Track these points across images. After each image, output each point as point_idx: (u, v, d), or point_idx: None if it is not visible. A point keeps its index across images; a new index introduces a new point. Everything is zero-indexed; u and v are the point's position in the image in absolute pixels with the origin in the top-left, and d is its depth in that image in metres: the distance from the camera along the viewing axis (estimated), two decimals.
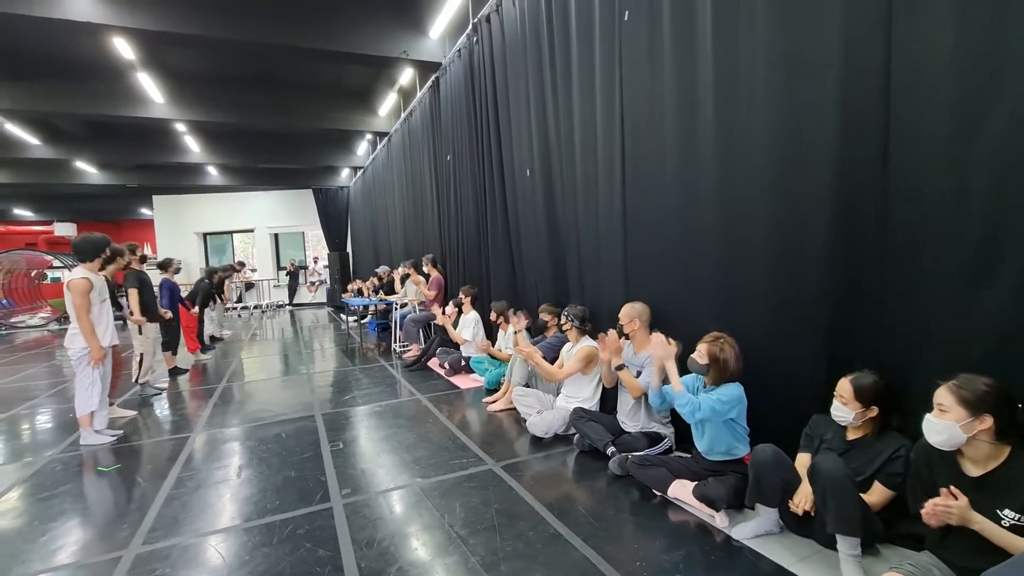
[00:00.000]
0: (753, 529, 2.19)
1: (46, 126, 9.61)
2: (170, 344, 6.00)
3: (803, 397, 2.39)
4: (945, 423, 1.60)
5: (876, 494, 1.98)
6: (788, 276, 2.43)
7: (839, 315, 2.26)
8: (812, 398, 2.32)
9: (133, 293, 4.96)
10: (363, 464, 3.22)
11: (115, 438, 3.86)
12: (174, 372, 6.06)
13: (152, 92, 7.65)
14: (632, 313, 3.16)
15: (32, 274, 14.54)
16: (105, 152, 10.69)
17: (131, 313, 4.97)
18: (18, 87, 7.35)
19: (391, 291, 8.64)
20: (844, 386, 2.05)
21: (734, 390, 2.44)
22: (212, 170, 13.06)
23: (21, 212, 17.04)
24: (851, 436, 2.12)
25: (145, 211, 17.48)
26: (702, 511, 2.40)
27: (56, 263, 14.68)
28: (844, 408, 2.04)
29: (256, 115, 8.81)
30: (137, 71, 7.06)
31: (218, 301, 8.81)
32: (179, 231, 15.48)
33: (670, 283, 3.15)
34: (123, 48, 6.06)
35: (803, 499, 2.04)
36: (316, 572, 2.09)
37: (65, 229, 16.83)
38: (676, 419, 2.93)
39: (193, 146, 10.74)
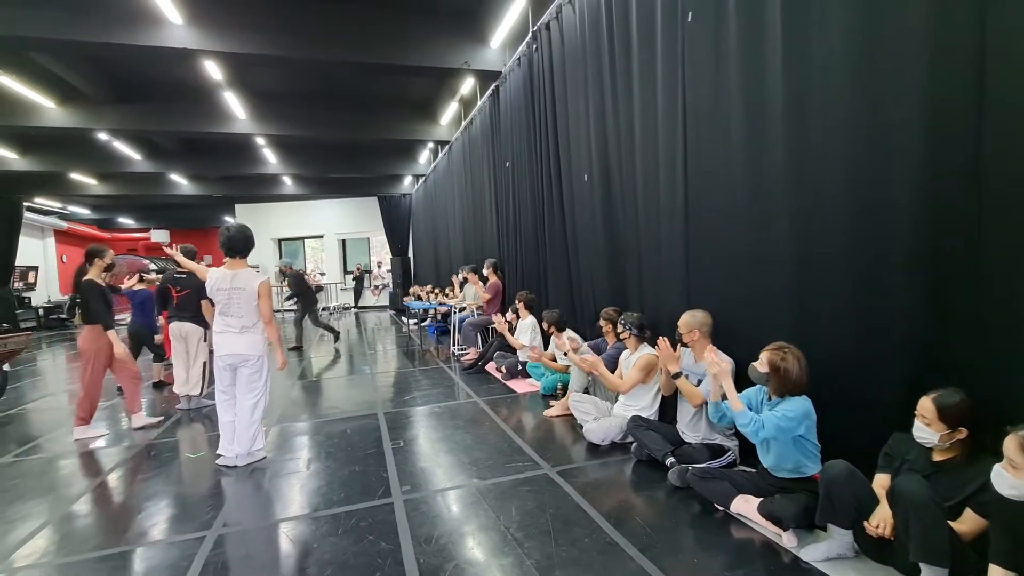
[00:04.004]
0: (824, 551, 2.07)
1: (146, 143, 10.67)
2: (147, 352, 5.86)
3: (882, 414, 2.23)
4: (1018, 480, 1.47)
5: (968, 523, 1.81)
6: (867, 287, 2.28)
7: (923, 327, 2.09)
8: (892, 415, 2.15)
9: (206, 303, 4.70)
10: (422, 463, 3.32)
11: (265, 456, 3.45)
12: (159, 385, 5.79)
13: (236, 109, 8.31)
14: (692, 323, 3.07)
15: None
16: (195, 165, 11.72)
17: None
18: (124, 108, 8.21)
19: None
20: (926, 405, 1.89)
21: (800, 405, 2.30)
22: (287, 180, 13.97)
23: (124, 220, 18.94)
24: (937, 457, 1.95)
25: (228, 219, 18.92)
26: (768, 529, 2.29)
27: (152, 267, 16.18)
28: (927, 429, 1.89)
29: (326, 128, 9.35)
30: (224, 90, 7.69)
31: None
32: (257, 237, 16.28)
33: (737, 292, 3.03)
34: (212, 70, 6.66)
35: (882, 522, 1.90)
36: (378, 564, 2.18)
37: (160, 236, 18.50)
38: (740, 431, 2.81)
39: (271, 158, 11.56)
